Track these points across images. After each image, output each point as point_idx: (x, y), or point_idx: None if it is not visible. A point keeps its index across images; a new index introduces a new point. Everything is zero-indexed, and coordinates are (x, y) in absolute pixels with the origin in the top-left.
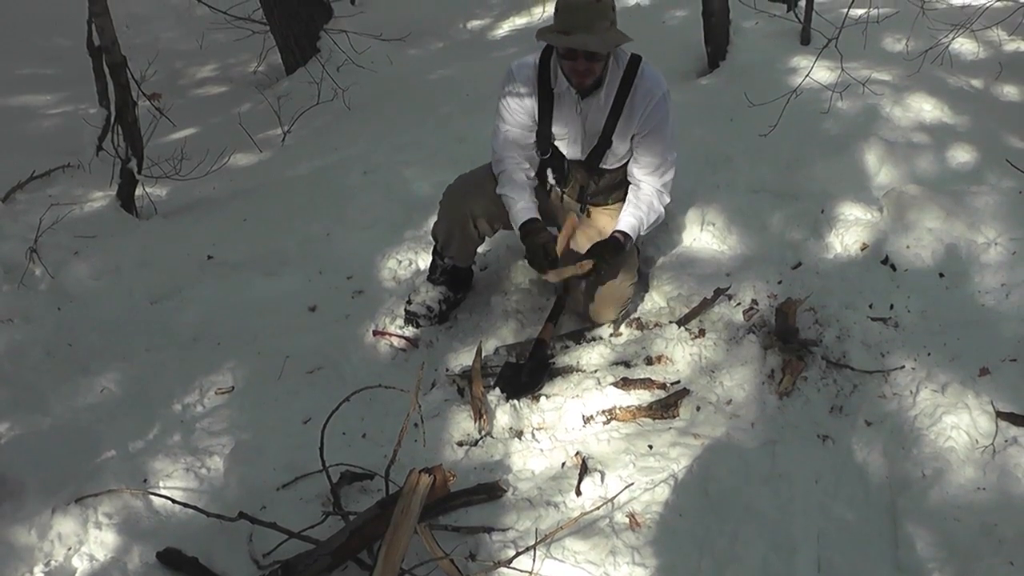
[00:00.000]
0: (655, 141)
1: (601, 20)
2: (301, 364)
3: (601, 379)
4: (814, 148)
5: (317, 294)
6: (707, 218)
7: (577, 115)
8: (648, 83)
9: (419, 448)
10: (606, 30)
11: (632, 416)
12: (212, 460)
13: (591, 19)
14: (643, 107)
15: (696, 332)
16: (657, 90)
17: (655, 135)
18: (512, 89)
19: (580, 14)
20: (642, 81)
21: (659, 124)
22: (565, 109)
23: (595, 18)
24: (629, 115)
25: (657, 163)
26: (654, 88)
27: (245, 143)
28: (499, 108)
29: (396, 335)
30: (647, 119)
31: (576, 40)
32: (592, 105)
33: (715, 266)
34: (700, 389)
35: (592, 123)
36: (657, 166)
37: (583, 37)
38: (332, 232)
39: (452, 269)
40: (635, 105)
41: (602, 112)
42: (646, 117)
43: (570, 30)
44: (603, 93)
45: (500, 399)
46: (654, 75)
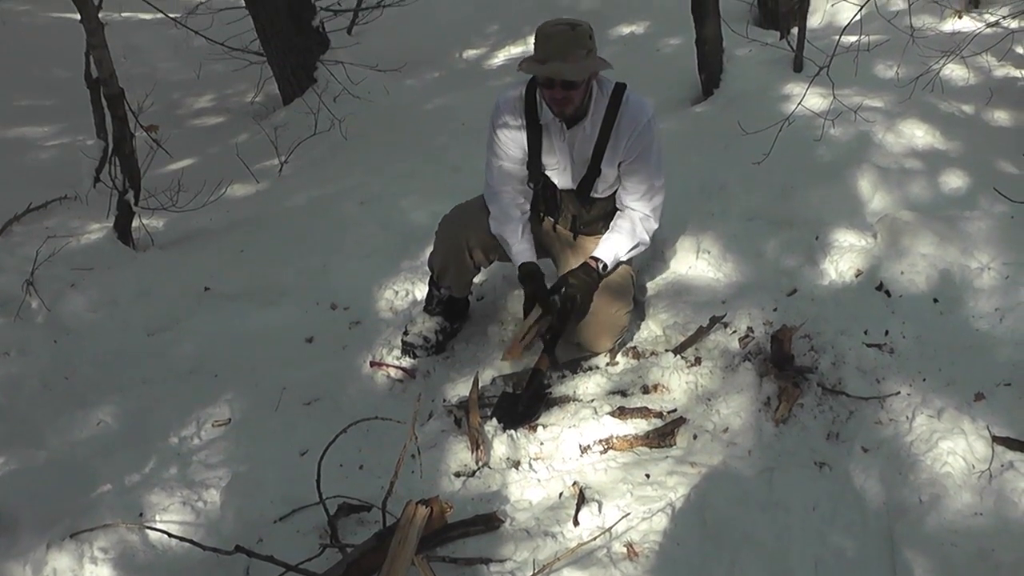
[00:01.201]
0: (641, 167)
1: (576, 48)
2: (298, 396)
3: (598, 408)
4: (808, 175)
5: (314, 325)
6: (702, 246)
7: (565, 145)
8: (633, 110)
9: (416, 479)
10: (582, 58)
11: (629, 445)
12: (208, 493)
13: (566, 48)
14: (628, 134)
15: (692, 360)
16: (642, 117)
17: (641, 161)
18: (500, 123)
19: (555, 42)
20: (627, 108)
21: (645, 150)
22: (553, 139)
23: (570, 46)
24: (615, 142)
25: (644, 189)
26: (639, 115)
27: (242, 174)
28: (489, 142)
29: (393, 366)
30: (632, 146)
31: (551, 68)
32: (579, 134)
33: (711, 294)
34: (697, 417)
35: (580, 152)
36: (644, 192)
37: (558, 66)
38: (329, 263)
39: (449, 299)
40: (620, 132)
41: (589, 141)
42: (631, 144)
43: (546, 59)
44: (588, 122)
45: (497, 429)
46: (639, 102)
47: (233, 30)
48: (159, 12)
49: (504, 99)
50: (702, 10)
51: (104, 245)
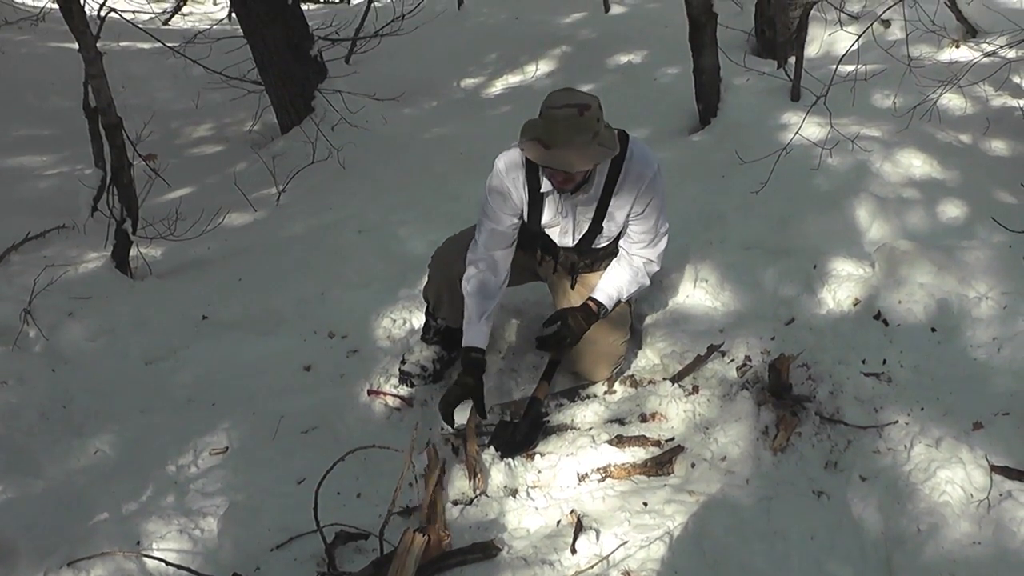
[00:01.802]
0: (649, 217)
1: (583, 134)
2: (296, 424)
3: (596, 437)
4: (805, 204)
5: (312, 354)
6: (700, 275)
7: (567, 209)
8: (638, 166)
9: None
10: (587, 144)
11: (627, 473)
12: (206, 521)
13: (572, 134)
14: (636, 189)
15: (690, 389)
16: (648, 171)
17: (650, 212)
18: (498, 187)
19: (562, 128)
20: (632, 164)
21: (651, 203)
22: (553, 206)
23: (577, 132)
24: (620, 199)
25: (650, 238)
26: (645, 170)
27: (240, 202)
28: (484, 204)
29: (391, 394)
30: (639, 200)
31: (556, 158)
32: (580, 198)
33: (708, 322)
34: (695, 446)
35: (582, 214)
36: (649, 241)
37: (563, 153)
38: (327, 291)
39: (445, 329)
40: (626, 188)
41: (591, 202)
42: (638, 198)
43: (550, 144)
44: (592, 185)
45: (495, 457)
46: (643, 154)
47: (231, 59)
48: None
49: (505, 162)
50: (700, 39)
51: (102, 274)
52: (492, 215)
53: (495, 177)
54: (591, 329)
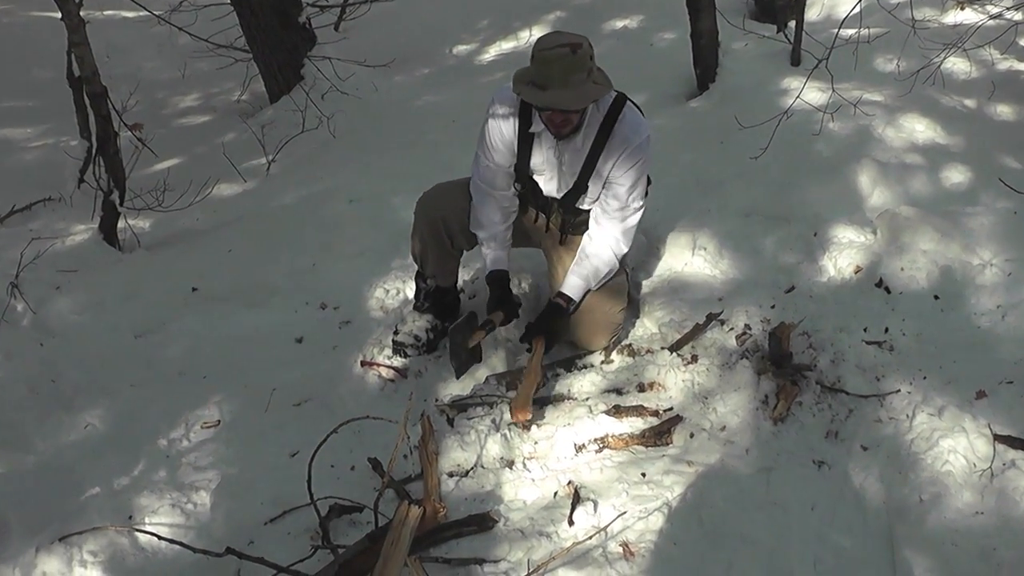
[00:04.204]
0: (622, 185)
1: (577, 73)
2: (288, 396)
3: (593, 407)
4: (806, 170)
5: (304, 325)
6: (698, 242)
7: (554, 157)
8: (626, 129)
9: (408, 479)
10: (582, 83)
11: (625, 444)
12: (198, 495)
13: (566, 73)
14: (620, 151)
15: (689, 358)
16: (634, 137)
17: (625, 180)
18: (494, 120)
19: (555, 68)
20: (621, 127)
21: (630, 171)
22: (543, 148)
23: (571, 71)
24: (604, 161)
25: (619, 206)
26: (631, 135)
27: (229, 173)
28: (481, 137)
29: (384, 365)
30: (619, 164)
31: (551, 98)
32: (569, 147)
33: (707, 291)
34: (693, 416)
35: (569, 165)
36: (618, 210)
37: (558, 93)
38: (319, 262)
39: (436, 292)
40: (612, 148)
41: (579, 155)
42: (619, 162)
43: (545, 84)
44: (580, 136)
45: (490, 429)
46: (635, 121)
47: (218, 27)
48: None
49: (501, 96)
50: (697, 3)
51: (89, 247)
52: (488, 148)
53: (491, 110)
54: (588, 298)
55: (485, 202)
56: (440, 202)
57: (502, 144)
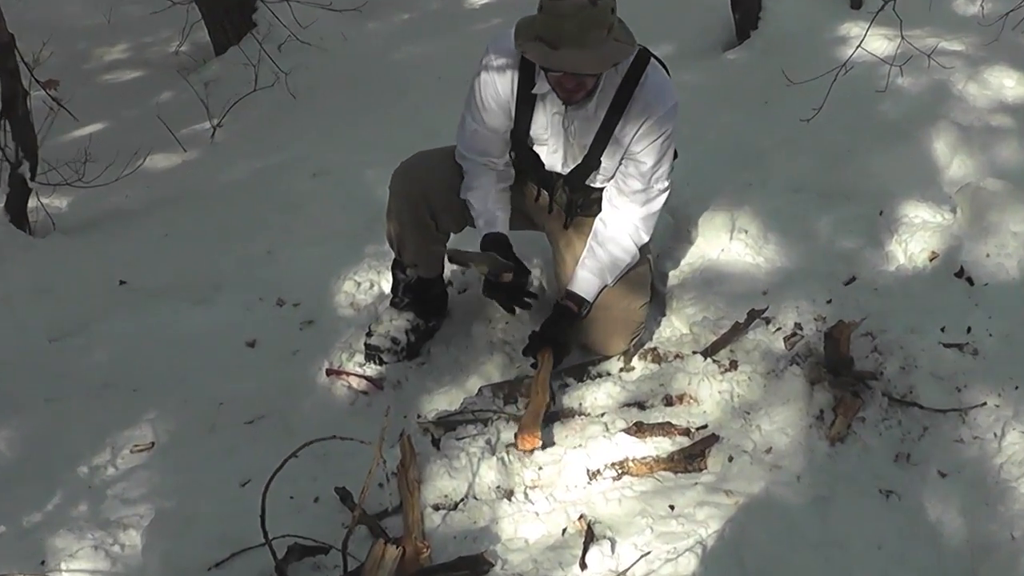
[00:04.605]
0: (644, 161)
1: (596, 30)
2: (238, 413)
3: (610, 424)
4: (869, 135)
5: (257, 326)
6: (738, 224)
7: (560, 125)
8: (649, 95)
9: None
10: (602, 42)
11: (649, 469)
12: (127, 535)
13: (583, 29)
14: (641, 121)
15: (726, 364)
16: (658, 106)
17: (647, 155)
18: (488, 75)
19: (570, 22)
20: (642, 92)
21: (653, 145)
22: (548, 114)
23: (589, 27)
24: (622, 132)
25: (640, 187)
26: (654, 103)
27: (166, 140)
28: (470, 94)
29: (355, 375)
30: (640, 137)
31: (563, 59)
32: (580, 115)
33: (748, 283)
34: (732, 435)
35: (578, 136)
36: (638, 193)
37: (572, 54)
38: (275, 249)
39: (418, 285)
40: (631, 117)
41: (590, 125)
42: (639, 135)
43: (556, 42)
44: (594, 103)
45: (484, 451)
46: (660, 85)
47: None
48: None
49: (497, 47)
50: None
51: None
52: (476, 111)
53: (483, 63)
54: (603, 294)
55: (476, 169)
56: (421, 174)
57: (496, 104)
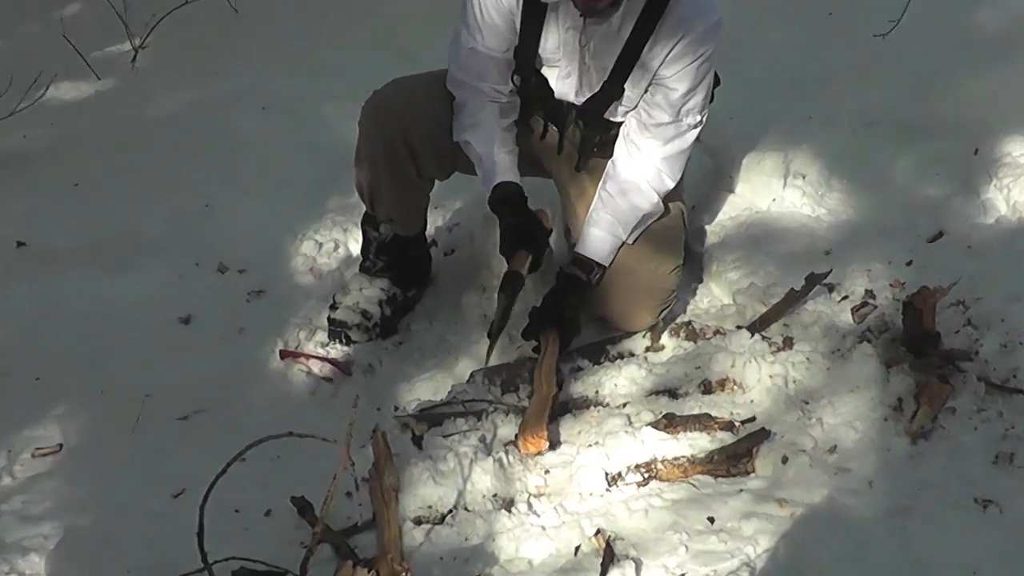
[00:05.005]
0: (675, 88)
1: None
2: (169, 406)
3: (633, 417)
4: (961, 55)
5: (193, 298)
6: (793, 167)
7: (576, 42)
8: (685, 8)
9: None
10: None
11: (682, 473)
12: (27, 561)
13: None
14: (674, 39)
15: (779, 342)
16: (697, 21)
17: (679, 81)
18: None
19: None
20: (678, 4)
21: (687, 69)
22: (559, 27)
23: None
24: (650, 52)
25: (667, 119)
26: (692, 17)
27: (74, 65)
28: (464, 7)
29: (316, 357)
30: (672, 59)
31: None
32: (600, 31)
33: (807, 240)
34: (787, 430)
35: (597, 57)
36: (667, 124)
37: None
38: (215, 202)
39: (395, 245)
40: (661, 38)
41: (613, 44)
42: (672, 56)
43: None
44: (619, 16)
45: (478, 451)
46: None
47: None
48: None
49: None
50: None
51: None
52: (474, 23)
53: None
54: (623, 254)
55: (473, 99)
56: (399, 108)
57: (498, 16)
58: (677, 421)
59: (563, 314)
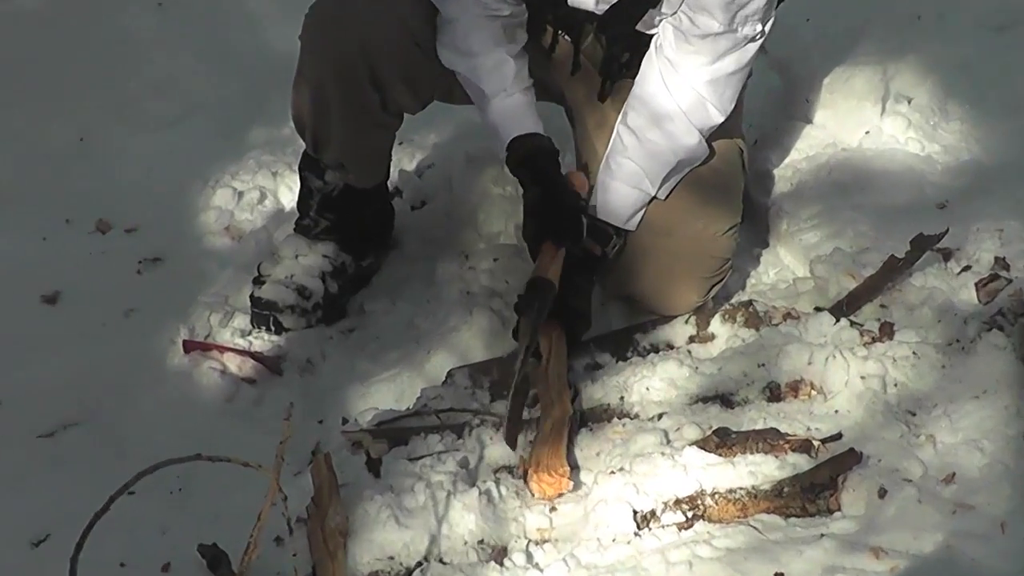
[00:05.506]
0: None
1: None
2: (28, 419)
3: (672, 433)
4: None
5: (62, 268)
6: (894, 87)
7: None
8: None
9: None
10: None
11: (740, 511)
12: None
13: None
14: None
15: (875, 330)
16: None
17: None
18: None
19: None
20: None
21: None
22: None
23: None
24: None
25: (718, 29)
26: None
27: None
28: None
29: (233, 350)
30: None
31: None
32: None
33: (912, 189)
34: (886, 451)
35: None
36: (714, 36)
37: None
38: (92, 136)
39: (344, 197)
40: None
41: None
42: None
43: None
44: None
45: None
46: None
47: None
48: None
49: None
50: None
51: None
52: None
53: None
54: (657, 209)
55: (464, 12)
56: (360, 16)
57: None
58: (733, 439)
59: (568, 302)
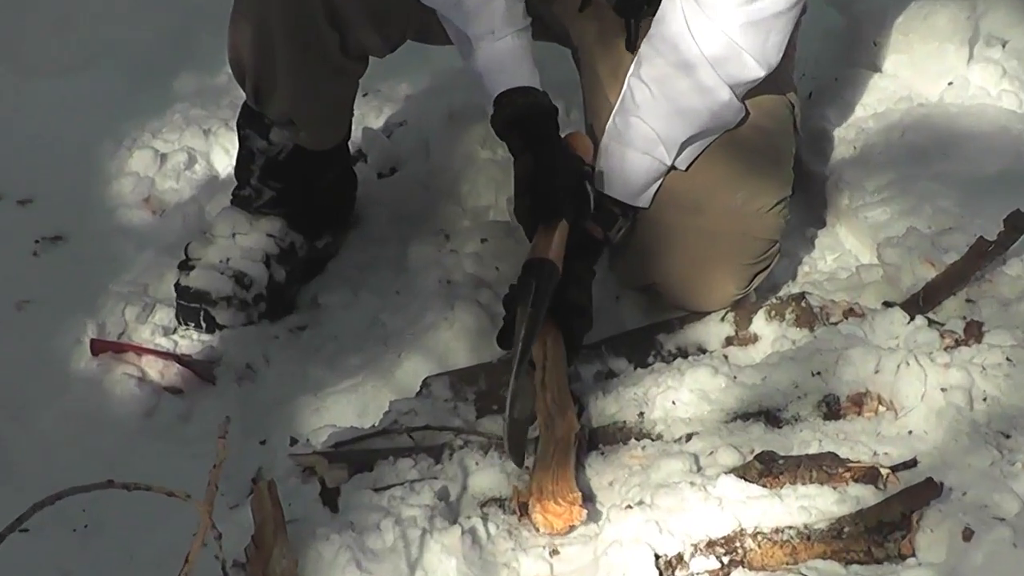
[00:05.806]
0: None
1: None
2: None
3: (704, 458)
4: None
5: None
6: (984, 27)
7: None
8: None
9: None
10: None
11: (789, 556)
12: None
13: None
14: None
15: (959, 332)
16: None
17: None
18: None
19: None
20: None
21: None
22: None
23: None
24: None
25: None
26: None
27: None
28: None
29: (154, 352)
30: None
31: None
32: None
33: (1007, 154)
34: (972, 482)
35: None
36: None
37: None
38: None
39: (294, 161)
40: None
41: None
42: None
43: None
44: None
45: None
46: None
47: None
48: None
49: None
50: None
51: None
52: None
53: None
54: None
55: None
56: None
57: None
58: (780, 466)
59: (565, 296)
